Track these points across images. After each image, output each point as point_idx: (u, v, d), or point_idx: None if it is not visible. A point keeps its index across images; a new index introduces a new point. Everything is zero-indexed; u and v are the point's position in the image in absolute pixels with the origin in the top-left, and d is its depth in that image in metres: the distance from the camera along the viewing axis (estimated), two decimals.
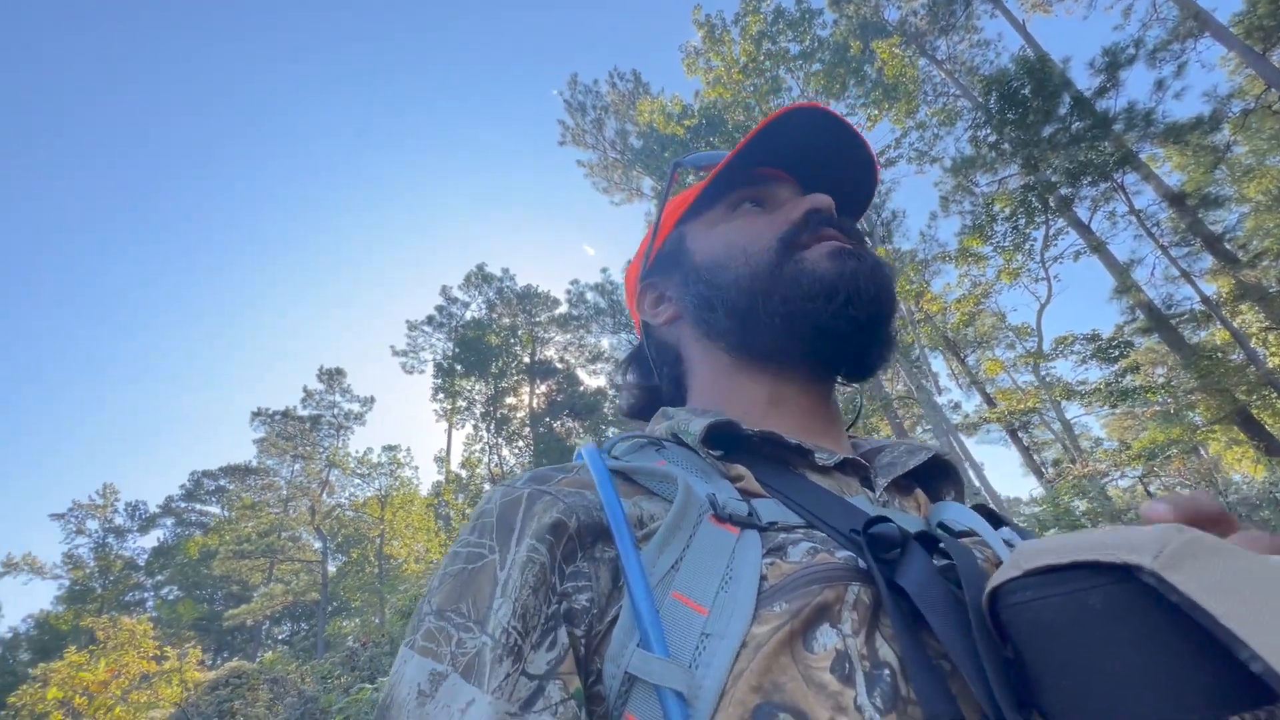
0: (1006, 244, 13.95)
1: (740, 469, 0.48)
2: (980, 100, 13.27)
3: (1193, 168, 13.00)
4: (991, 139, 13.23)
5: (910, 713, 0.32)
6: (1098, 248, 12.89)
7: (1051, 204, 12.99)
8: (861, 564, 0.38)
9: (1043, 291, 15.31)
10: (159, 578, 33.07)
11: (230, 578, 29.36)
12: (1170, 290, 13.10)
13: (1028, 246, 14.07)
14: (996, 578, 0.31)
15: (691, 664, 0.33)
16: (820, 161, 0.66)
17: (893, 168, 15.66)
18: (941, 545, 0.40)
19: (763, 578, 0.37)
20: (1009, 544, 0.48)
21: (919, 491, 0.57)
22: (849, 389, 0.73)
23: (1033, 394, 14.61)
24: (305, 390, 30.69)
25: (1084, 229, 13.08)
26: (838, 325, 0.55)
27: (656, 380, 0.71)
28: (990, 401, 15.72)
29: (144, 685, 15.28)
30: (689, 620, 0.35)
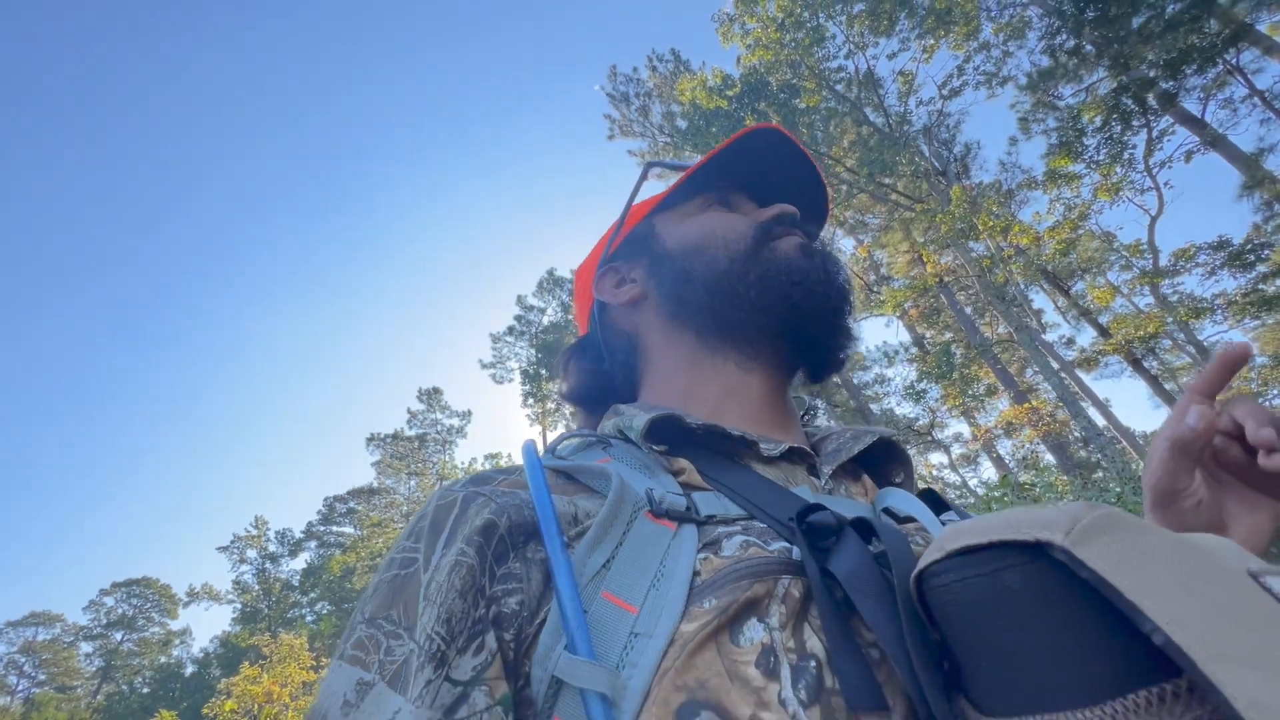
0: (1102, 157, 12.54)
1: (683, 462, 0.49)
2: (1052, 3, 11.95)
3: None
4: (1070, 44, 11.89)
5: (834, 703, 0.32)
6: (1215, 141, 11.34)
7: (1152, 103, 11.52)
8: (796, 555, 0.39)
9: (1152, 203, 13.67)
10: (311, 595, 36.67)
11: None
12: None
13: (1127, 156, 12.56)
14: (922, 561, 0.31)
15: (619, 664, 0.33)
16: (777, 183, 0.70)
17: (958, 98, 14.47)
18: (877, 531, 0.39)
19: (695, 573, 0.37)
20: None
21: (866, 477, 0.56)
22: (807, 392, 0.73)
23: (1154, 316, 13.12)
24: (409, 411, 32.92)
25: (1196, 123, 11.54)
26: (810, 303, 0.58)
27: (607, 366, 0.70)
28: (1104, 332, 14.27)
29: (306, 693, 17.21)
30: (618, 620, 0.35)
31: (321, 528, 37.63)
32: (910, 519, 0.49)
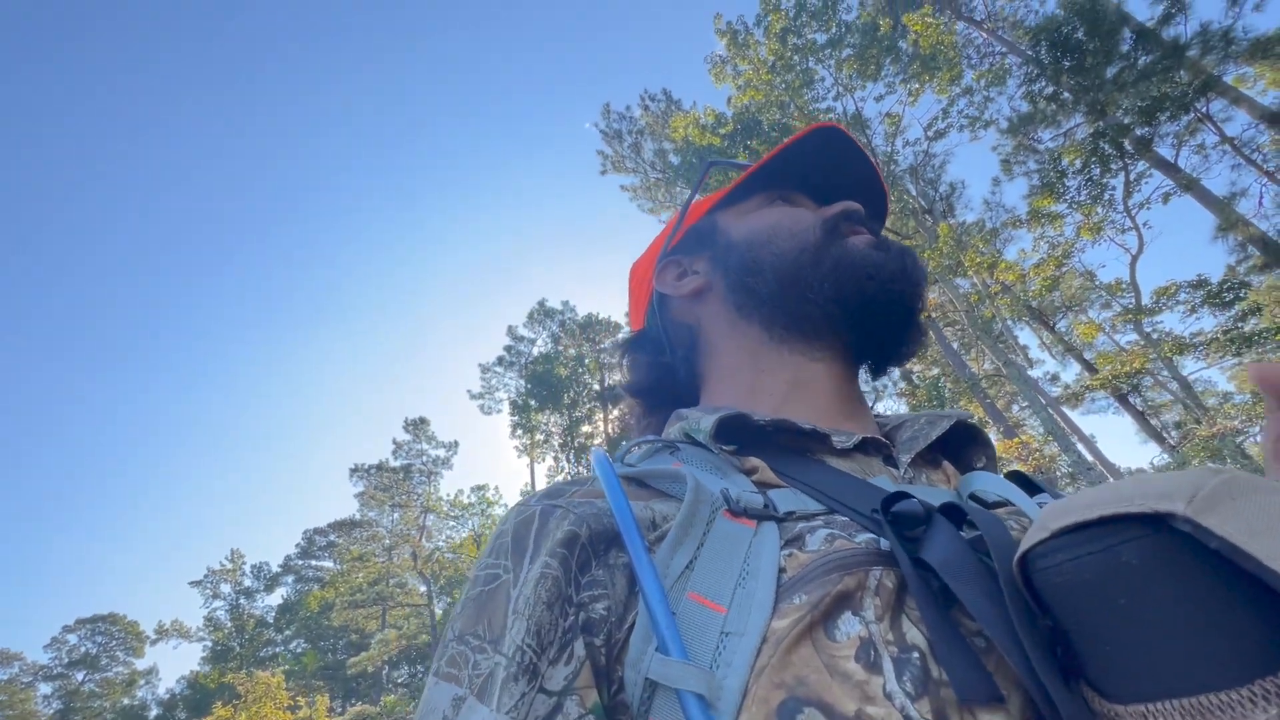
0: (1082, 198, 12.94)
1: (755, 461, 0.48)
2: (1030, 53, 12.48)
3: None
4: (1048, 91, 12.39)
5: (944, 695, 0.30)
6: (1189, 185, 11.74)
7: (1128, 147, 11.97)
8: (884, 546, 0.37)
9: (1132, 242, 14.10)
10: (287, 632, 35.43)
11: (348, 627, 31.08)
12: None
13: (1107, 197, 12.98)
14: (1025, 542, 0.30)
15: (712, 664, 0.32)
16: (837, 183, 0.70)
17: (943, 139, 14.96)
18: (969, 517, 0.38)
19: (781, 570, 0.37)
20: None
21: (946, 464, 0.55)
22: (872, 385, 0.72)
23: (1138, 353, 13.37)
24: (395, 442, 32.40)
25: (1170, 168, 11.97)
26: (884, 296, 0.57)
27: (669, 358, 0.69)
28: (1090, 368, 14.51)
29: None
30: (707, 620, 0.35)
31: (300, 562, 36.59)
32: (1002, 502, 0.47)
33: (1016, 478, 0.52)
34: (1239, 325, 11.79)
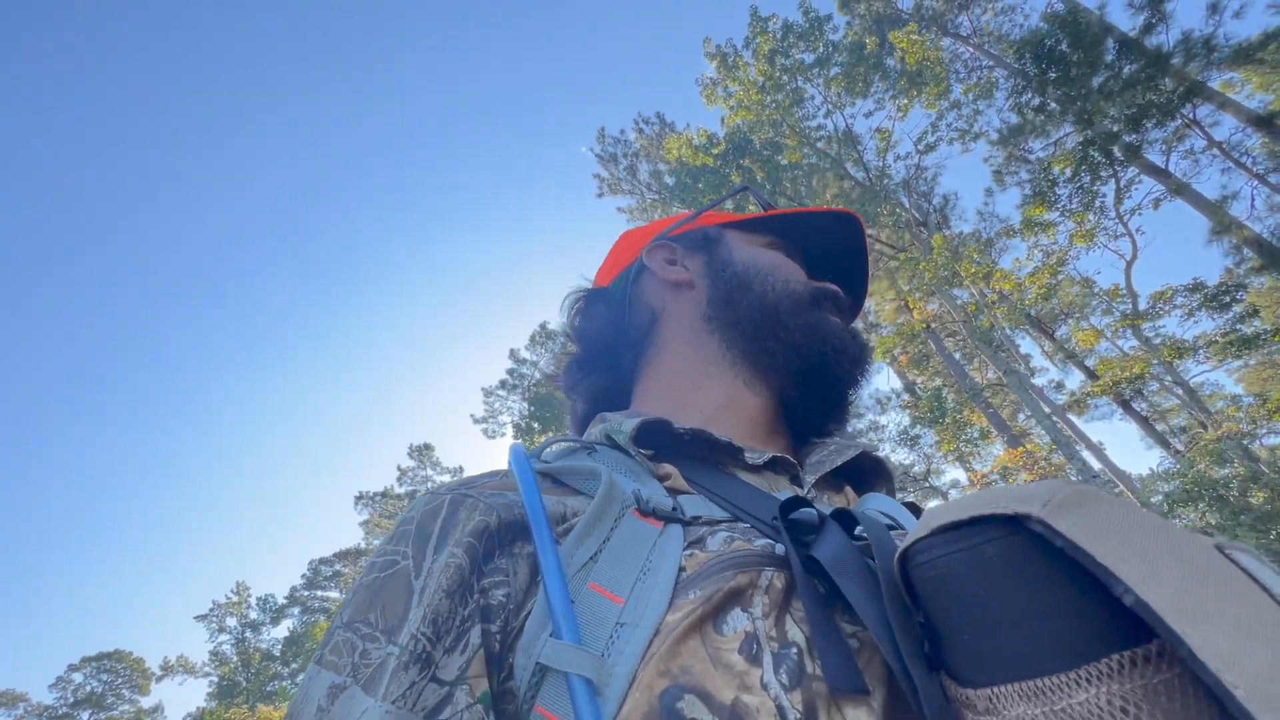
0: (1074, 206, 13.01)
1: (668, 467, 0.50)
2: (1016, 66, 12.66)
3: (1278, 85, 11.79)
4: (1036, 102, 12.53)
5: (815, 688, 0.32)
6: (1180, 190, 11.81)
7: (1117, 154, 12.07)
8: (779, 550, 0.39)
9: (1126, 248, 14.14)
10: (294, 665, 35.00)
11: None
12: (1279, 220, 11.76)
13: (1099, 204, 13.06)
14: (906, 540, 0.32)
15: (604, 652, 0.33)
16: (827, 264, 0.74)
17: (934, 153, 15.10)
18: (859, 525, 0.40)
19: (681, 569, 0.38)
20: None
21: (848, 489, 0.58)
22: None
23: (1139, 359, 13.32)
24: (399, 469, 32.32)
25: (1160, 173, 12.05)
26: (837, 370, 0.62)
27: (625, 324, 0.71)
28: (1091, 374, 14.45)
29: None
30: (604, 610, 0.36)
31: (305, 592, 36.31)
32: (894, 524, 0.49)
33: (913, 508, 0.56)
34: (1238, 327, 11.74)
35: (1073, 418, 15.00)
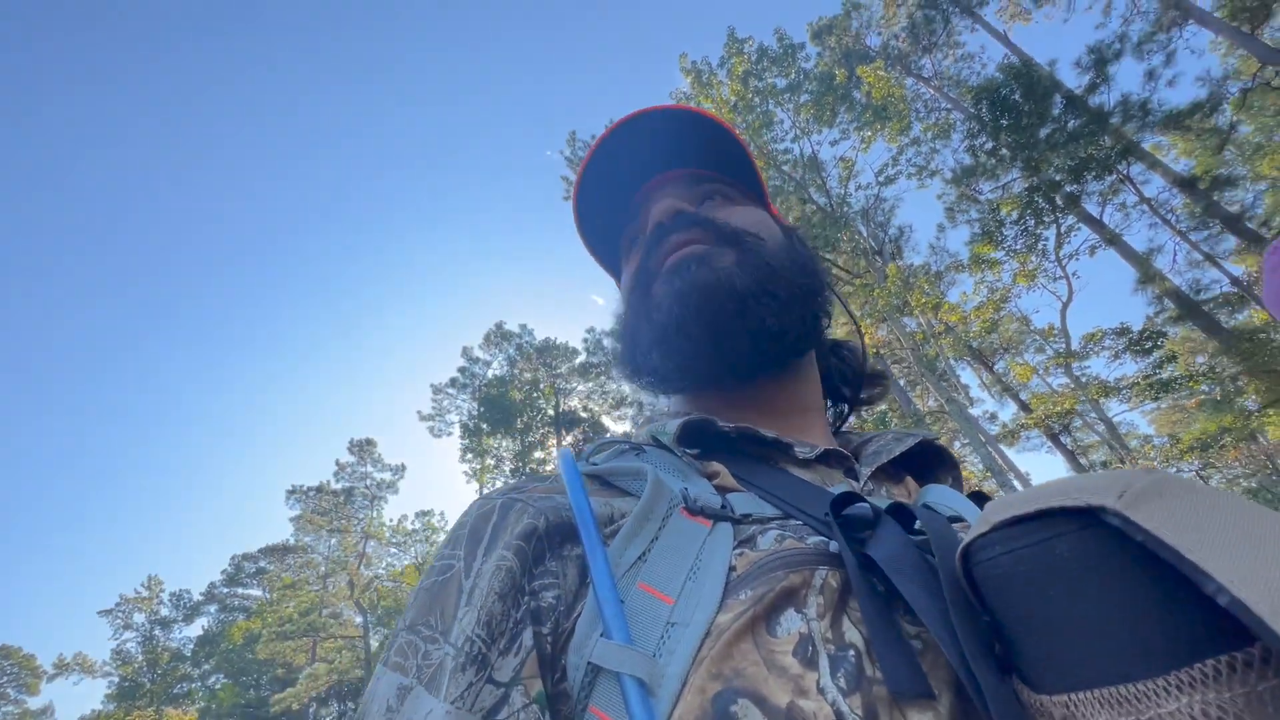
0: (1019, 247, 13.78)
1: (716, 465, 0.48)
2: (972, 110, 13.35)
3: (1200, 151, 12.83)
4: (989, 146, 13.23)
5: (876, 692, 0.31)
6: (1113, 240, 12.67)
7: (1059, 202, 12.85)
8: (833, 548, 0.37)
9: (1063, 290, 15.02)
10: (205, 667, 32.97)
11: (274, 661, 29.14)
12: (1197, 275, 12.77)
13: (1041, 247, 13.86)
14: (968, 536, 0.30)
15: (656, 652, 0.33)
16: (665, 153, 0.64)
17: (893, 185, 15.73)
18: (917, 520, 0.38)
19: (731, 568, 0.37)
20: None
21: (909, 480, 0.56)
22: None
23: (1068, 395, 14.16)
24: (338, 464, 31.06)
25: (1096, 223, 12.89)
26: (697, 344, 0.53)
27: None
28: (1025, 408, 15.26)
29: None
30: (654, 609, 0.35)
31: (225, 589, 34.30)
32: (956, 517, 0.47)
33: (977, 498, 0.53)
34: (1157, 372, 12.63)
35: (1005, 448, 15.77)
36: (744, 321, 0.53)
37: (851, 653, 0.32)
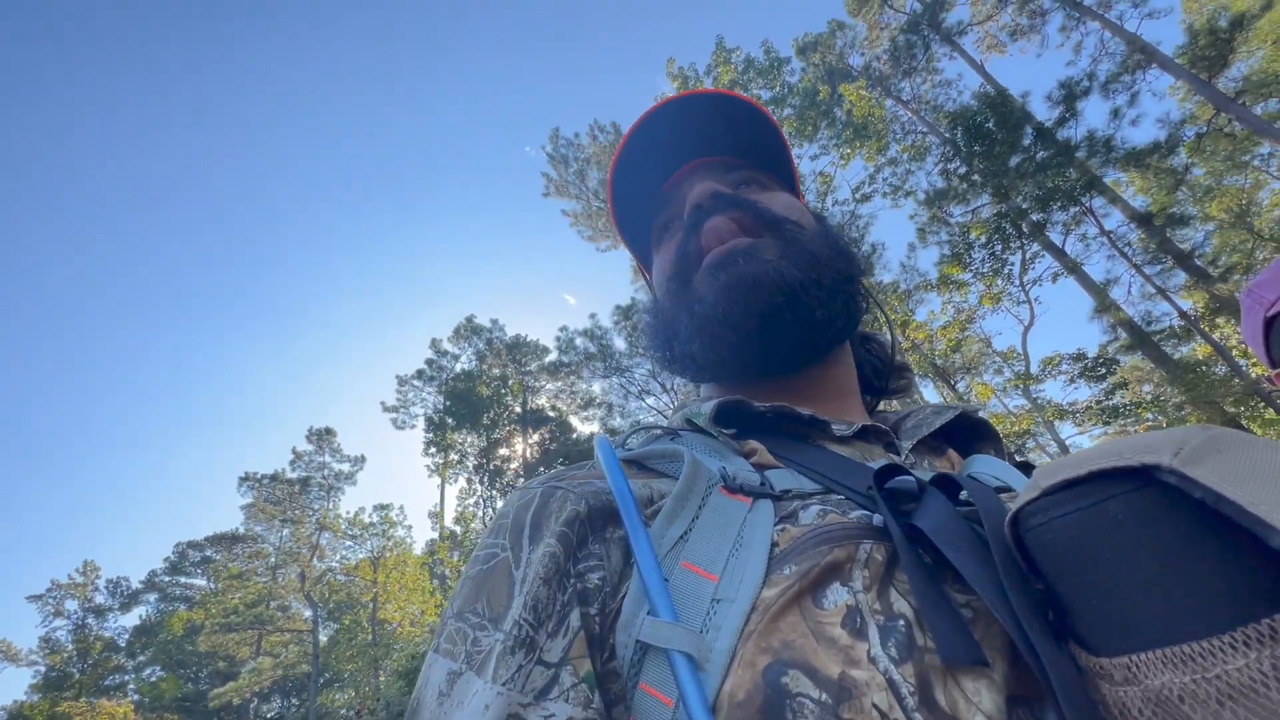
0: (985, 270, 14.24)
1: (753, 444, 0.48)
2: (947, 135, 13.76)
3: (1155, 190, 13.47)
4: (961, 171, 13.67)
5: (928, 660, 0.30)
6: (1074, 269, 13.18)
7: (1025, 229, 13.33)
8: (877, 521, 0.37)
9: (1025, 314, 15.56)
10: (141, 658, 31.60)
11: (216, 654, 28.12)
12: (1149, 307, 13.37)
13: (1006, 271, 14.35)
14: (1017, 502, 0.30)
15: (702, 628, 0.33)
16: (704, 140, 0.65)
17: (869, 203, 16.08)
18: (963, 489, 0.38)
19: (774, 544, 0.37)
20: None
21: (951, 452, 0.56)
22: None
23: (1025, 416, 14.66)
24: (294, 452, 30.16)
25: (1058, 252, 13.40)
26: (745, 337, 0.54)
27: None
28: None
29: None
30: (699, 587, 0.35)
31: (166, 578, 32.96)
32: (1003, 487, 0.46)
33: (1025, 468, 0.53)
34: (1109, 398, 13.17)
35: None
36: (794, 314, 0.53)
37: (901, 622, 0.32)
